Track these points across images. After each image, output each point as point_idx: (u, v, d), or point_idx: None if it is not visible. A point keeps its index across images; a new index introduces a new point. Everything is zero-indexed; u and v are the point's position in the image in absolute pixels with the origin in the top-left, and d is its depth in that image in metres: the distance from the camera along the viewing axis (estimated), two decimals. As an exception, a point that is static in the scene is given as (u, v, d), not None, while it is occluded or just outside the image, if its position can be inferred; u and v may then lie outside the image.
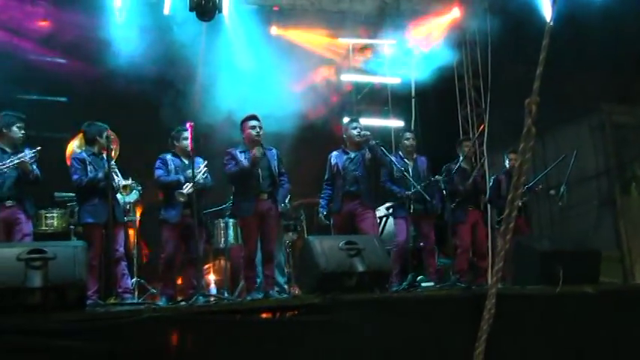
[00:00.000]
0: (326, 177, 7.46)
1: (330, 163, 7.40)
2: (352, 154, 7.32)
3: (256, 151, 6.63)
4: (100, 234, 6.50)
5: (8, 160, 6.26)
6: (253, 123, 6.89)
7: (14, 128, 6.46)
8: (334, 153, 7.45)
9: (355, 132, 7.34)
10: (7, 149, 6.47)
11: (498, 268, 2.16)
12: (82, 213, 6.64)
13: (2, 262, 4.38)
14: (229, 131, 7.95)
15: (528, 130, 2.08)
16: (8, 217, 6.32)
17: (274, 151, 7.03)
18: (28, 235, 6.39)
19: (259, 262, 7.28)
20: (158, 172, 6.88)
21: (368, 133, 7.29)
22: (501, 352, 4.04)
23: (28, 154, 6.37)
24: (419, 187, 7.24)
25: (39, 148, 6.48)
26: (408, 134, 8.16)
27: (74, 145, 8.27)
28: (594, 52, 8.93)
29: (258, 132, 6.85)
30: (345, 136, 7.52)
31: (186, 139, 6.78)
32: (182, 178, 6.73)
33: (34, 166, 6.44)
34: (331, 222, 7.43)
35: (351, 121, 7.67)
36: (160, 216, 6.88)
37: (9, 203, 6.32)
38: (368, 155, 7.20)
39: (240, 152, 6.79)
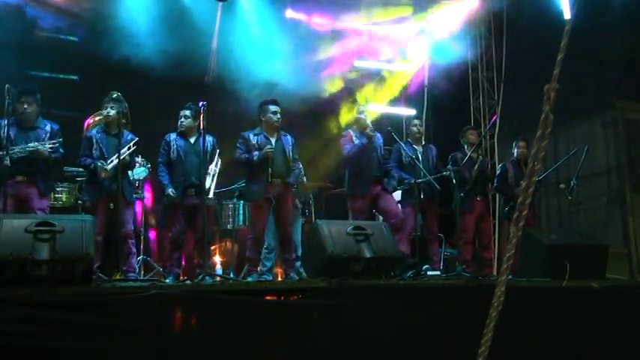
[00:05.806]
0: None
1: None
2: None
3: (270, 151, 6.59)
4: (103, 211, 6.41)
5: (19, 148, 6.05)
6: (274, 108, 6.82)
7: (17, 104, 6.14)
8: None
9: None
10: (20, 124, 6.26)
11: (510, 256, 2.12)
12: (85, 189, 6.80)
13: (11, 233, 4.40)
14: (241, 111, 7.94)
15: (546, 117, 2.03)
16: (19, 192, 6.13)
17: (289, 137, 6.98)
18: (41, 210, 6.20)
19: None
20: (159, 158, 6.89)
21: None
22: (504, 343, 4.03)
23: (46, 143, 6.22)
24: (431, 177, 7.21)
25: (60, 140, 6.37)
26: (415, 121, 8.16)
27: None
28: (609, 48, 8.86)
29: (278, 118, 6.81)
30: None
31: (186, 117, 6.76)
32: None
33: (55, 153, 6.32)
34: None
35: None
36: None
37: (19, 179, 6.12)
38: None
39: (255, 135, 6.76)
